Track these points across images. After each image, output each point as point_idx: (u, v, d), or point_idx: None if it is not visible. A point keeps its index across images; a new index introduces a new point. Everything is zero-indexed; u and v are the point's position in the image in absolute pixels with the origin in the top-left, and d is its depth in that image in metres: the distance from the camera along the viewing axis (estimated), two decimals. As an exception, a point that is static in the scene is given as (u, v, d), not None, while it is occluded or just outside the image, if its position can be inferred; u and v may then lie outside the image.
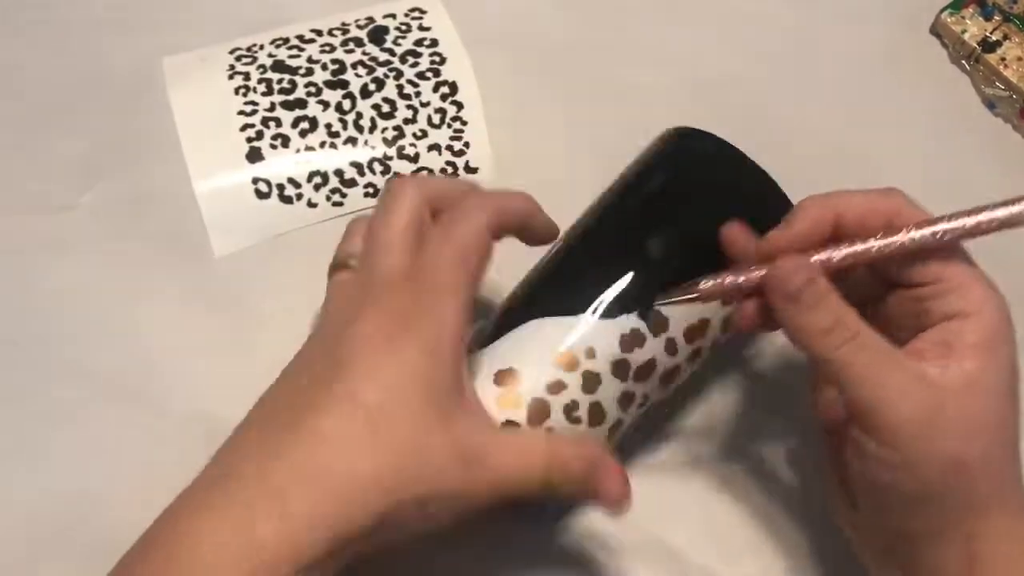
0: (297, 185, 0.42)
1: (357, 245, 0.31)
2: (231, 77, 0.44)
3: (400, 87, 0.45)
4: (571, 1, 0.48)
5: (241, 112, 0.44)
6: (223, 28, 0.46)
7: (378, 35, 0.46)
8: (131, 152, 0.44)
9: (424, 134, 0.44)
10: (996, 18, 0.47)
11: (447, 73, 0.45)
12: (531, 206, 0.32)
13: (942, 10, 0.48)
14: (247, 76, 0.44)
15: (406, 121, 0.44)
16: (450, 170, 0.43)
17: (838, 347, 0.27)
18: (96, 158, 0.43)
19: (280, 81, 0.44)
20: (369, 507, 0.25)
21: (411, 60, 0.45)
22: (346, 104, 0.44)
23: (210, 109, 0.44)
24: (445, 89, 0.45)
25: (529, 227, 0.32)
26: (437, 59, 0.46)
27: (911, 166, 0.44)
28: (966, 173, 0.44)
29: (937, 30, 0.48)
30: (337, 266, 0.32)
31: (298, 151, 0.43)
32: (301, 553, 0.25)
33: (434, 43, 0.46)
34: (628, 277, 0.32)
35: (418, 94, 0.45)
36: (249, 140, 0.43)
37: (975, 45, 0.46)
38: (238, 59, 0.45)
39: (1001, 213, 0.28)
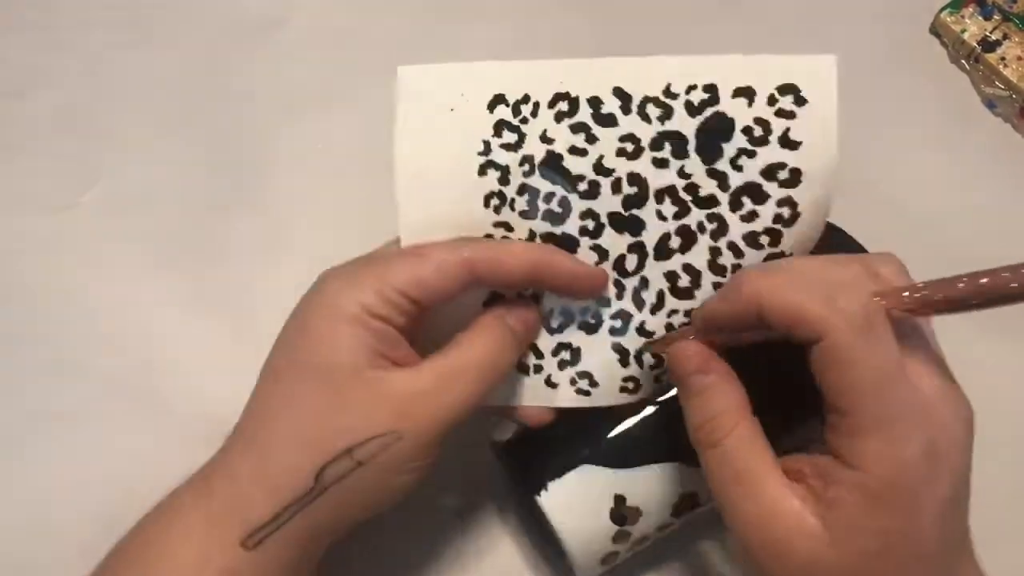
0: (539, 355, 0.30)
1: None
2: (482, 172, 0.29)
3: (716, 252, 0.29)
4: (576, 2, 0.48)
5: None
6: (223, 28, 0.46)
7: (714, 138, 0.28)
8: (131, 151, 0.44)
9: None
10: (996, 17, 0.47)
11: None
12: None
13: (941, 9, 0.48)
14: (504, 181, 0.29)
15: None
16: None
17: (704, 449, 0.26)
18: (96, 158, 0.43)
19: (548, 198, 0.29)
20: (300, 464, 0.27)
21: (746, 205, 0.28)
22: (631, 262, 0.29)
23: (445, 177, 0.29)
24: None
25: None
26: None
27: (911, 165, 0.44)
28: (966, 173, 0.44)
29: (936, 29, 0.48)
30: None
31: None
32: (249, 508, 0.27)
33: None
34: None
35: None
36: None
37: (975, 44, 0.46)
38: (496, 130, 0.29)
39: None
